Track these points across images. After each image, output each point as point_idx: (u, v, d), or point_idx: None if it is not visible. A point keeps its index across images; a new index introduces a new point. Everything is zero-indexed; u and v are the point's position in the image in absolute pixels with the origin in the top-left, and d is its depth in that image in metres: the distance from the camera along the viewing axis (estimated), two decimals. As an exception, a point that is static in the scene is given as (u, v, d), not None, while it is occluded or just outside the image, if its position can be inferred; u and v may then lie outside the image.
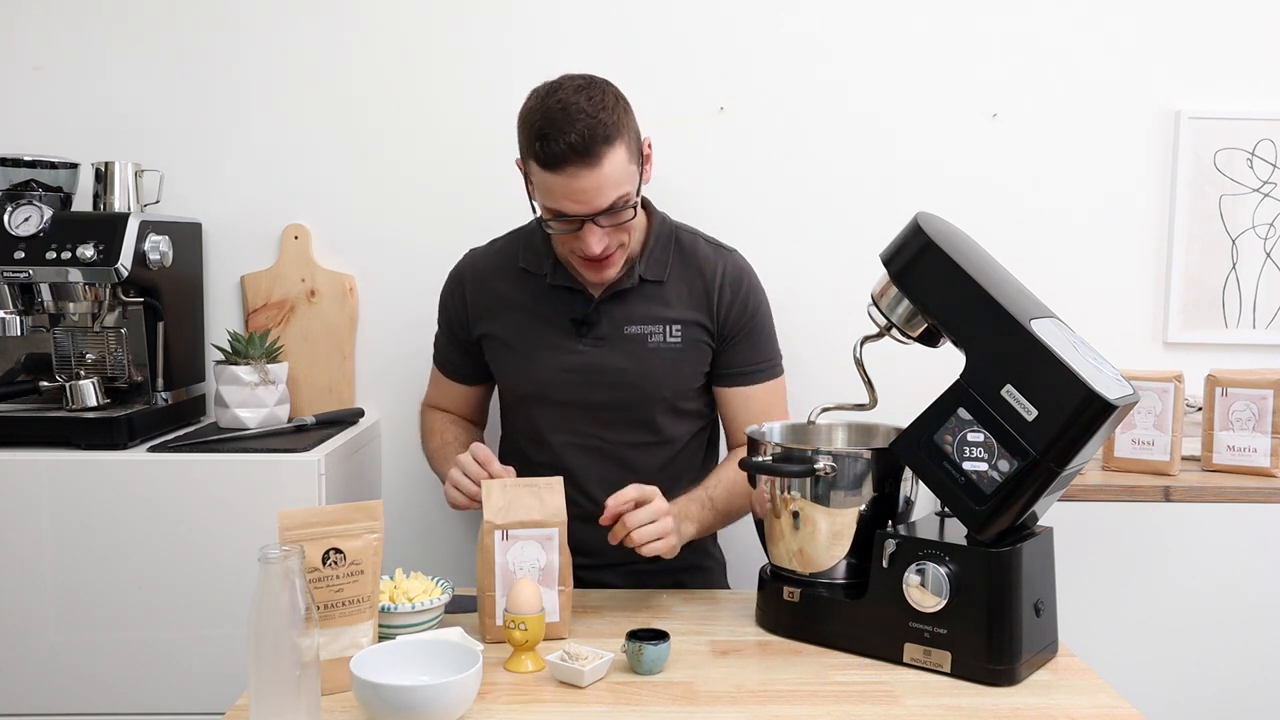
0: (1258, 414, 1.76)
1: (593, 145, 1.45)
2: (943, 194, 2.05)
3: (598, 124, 1.45)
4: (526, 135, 1.50)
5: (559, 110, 1.46)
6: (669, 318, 1.66)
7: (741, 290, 1.70)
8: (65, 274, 1.74)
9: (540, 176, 1.49)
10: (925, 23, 2.06)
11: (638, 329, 1.65)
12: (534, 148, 1.47)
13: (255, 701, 1.09)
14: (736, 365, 1.71)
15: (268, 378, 1.86)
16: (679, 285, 1.67)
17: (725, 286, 1.68)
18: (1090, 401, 1.21)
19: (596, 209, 1.50)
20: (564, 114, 1.45)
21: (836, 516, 1.40)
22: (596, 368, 1.65)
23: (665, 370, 1.66)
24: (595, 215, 1.51)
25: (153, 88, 2.05)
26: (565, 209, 1.50)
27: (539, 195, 1.53)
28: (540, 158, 1.47)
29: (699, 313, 1.67)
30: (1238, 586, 2.12)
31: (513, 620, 1.30)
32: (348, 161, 2.07)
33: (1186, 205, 2.09)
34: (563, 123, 1.44)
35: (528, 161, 1.52)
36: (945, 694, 1.26)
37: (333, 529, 1.25)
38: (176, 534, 1.68)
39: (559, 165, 1.46)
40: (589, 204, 1.49)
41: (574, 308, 1.66)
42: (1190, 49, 2.07)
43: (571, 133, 1.44)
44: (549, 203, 1.52)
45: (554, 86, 1.51)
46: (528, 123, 1.49)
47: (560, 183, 1.47)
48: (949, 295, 1.32)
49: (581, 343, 1.66)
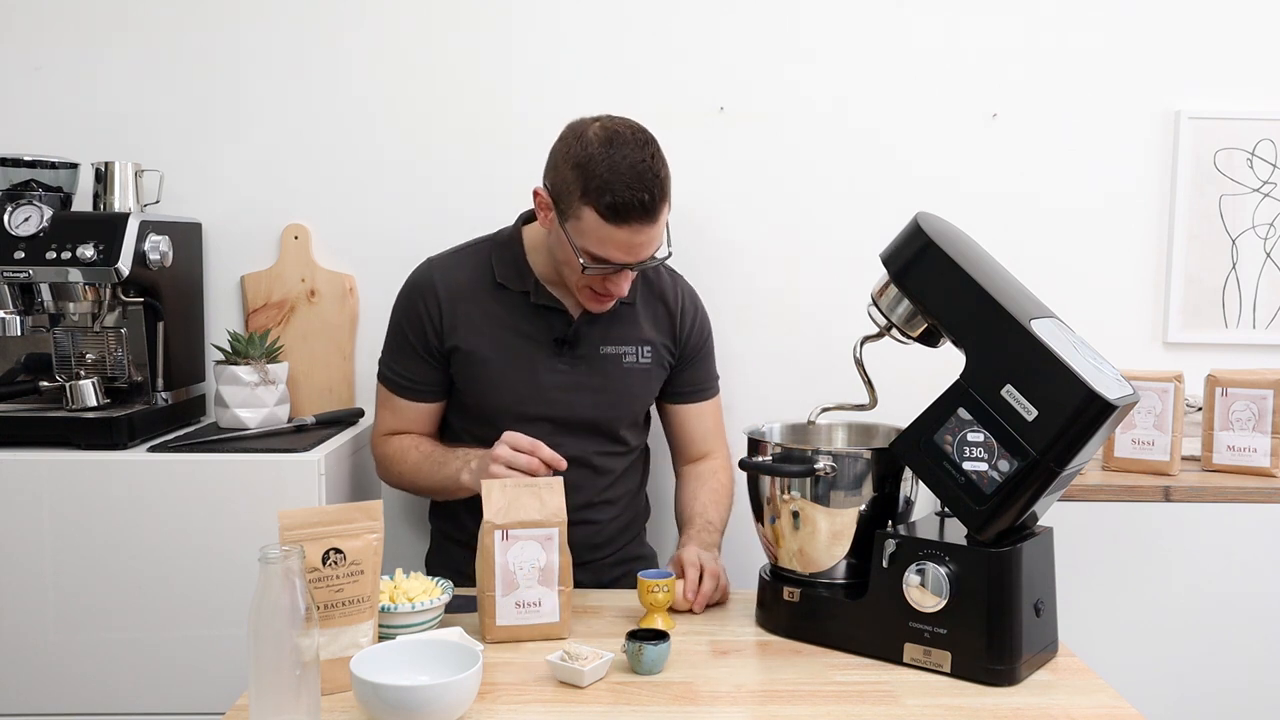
0: (1258, 414, 1.76)
1: (656, 206, 1.52)
2: (943, 194, 2.05)
3: (659, 185, 1.52)
4: (586, 183, 1.51)
5: (629, 169, 1.50)
6: (641, 338, 1.73)
7: (698, 313, 1.82)
8: (65, 274, 1.74)
9: (596, 226, 1.52)
10: (925, 23, 2.06)
11: (613, 349, 1.71)
12: (600, 200, 1.50)
13: (255, 701, 1.09)
14: (692, 384, 1.81)
15: (268, 378, 1.86)
16: (646, 308, 1.75)
17: (685, 309, 1.79)
18: (1090, 401, 1.21)
19: (642, 260, 1.57)
20: (634, 174, 1.50)
21: (836, 516, 1.40)
22: (575, 386, 1.69)
23: (638, 388, 1.74)
24: (637, 264, 1.57)
25: (153, 88, 2.05)
26: (614, 258, 1.55)
27: (587, 241, 1.54)
28: (606, 212, 1.50)
29: (664, 335, 1.76)
30: (1238, 586, 2.12)
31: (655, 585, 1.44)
32: (348, 161, 2.07)
33: (1186, 205, 2.09)
34: (634, 183, 1.49)
35: (581, 207, 1.52)
36: (945, 694, 1.26)
37: (333, 529, 1.25)
38: (176, 534, 1.68)
39: (624, 222, 1.51)
40: (638, 255, 1.56)
41: (554, 327, 1.69)
42: (1190, 49, 2.07)
43: (645, 193, 1.50)
44: (599, 251, 1.54)
45: (613, 136, 1.52)
46: (588, 172, 1.50)
47: (621, 236, 1.52)
48: (949, 295, 1.32)
49: (561, 361, 1.69)
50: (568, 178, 1.53)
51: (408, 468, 1.73)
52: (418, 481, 1.73)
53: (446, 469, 1.64)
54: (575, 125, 1.58)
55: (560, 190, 1.55)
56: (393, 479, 1.78)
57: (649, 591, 1.44)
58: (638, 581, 1.45)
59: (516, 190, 1.82)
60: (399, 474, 1.75)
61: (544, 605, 1.39)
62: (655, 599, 1.44)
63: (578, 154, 1.52)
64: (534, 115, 2.03)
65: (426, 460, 1.70)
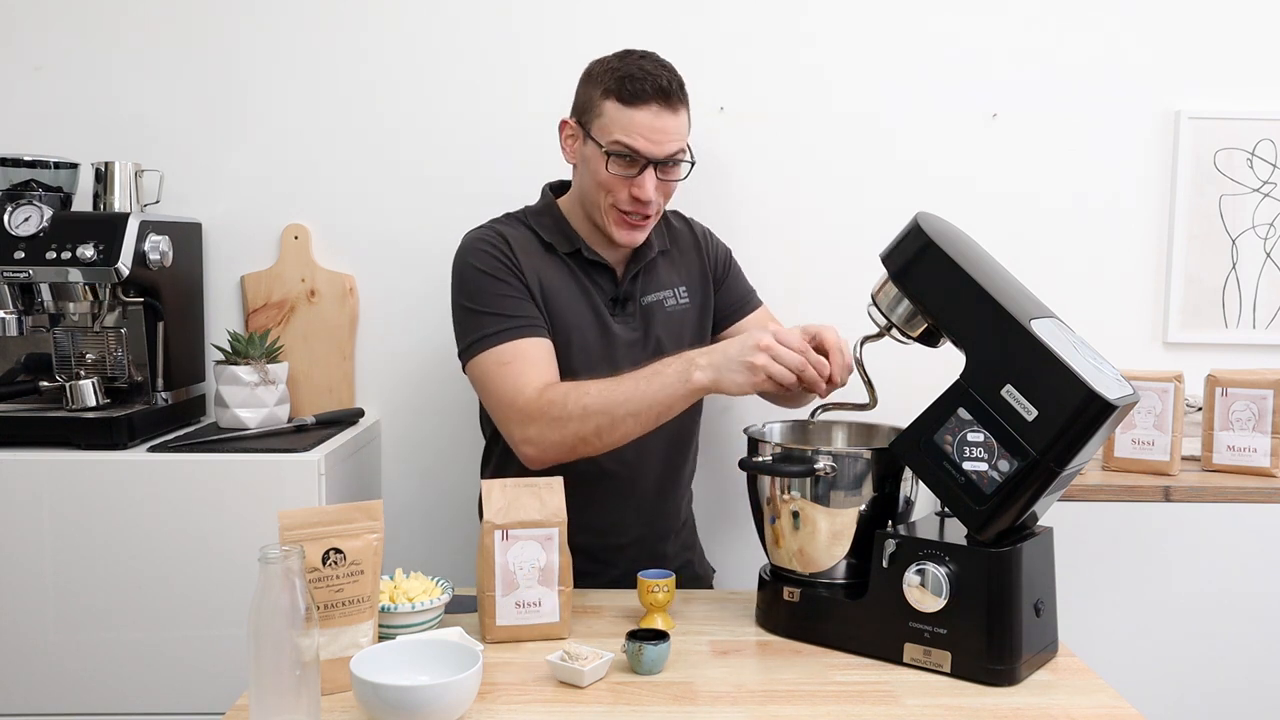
0: (1258, 414, 1.76)
1: (674, 93, 1.58)
2: (943, 194, 2.05)
3: (676, 76, 1.60)
4: (605, 79, 1.58)
5: (644, 61, 1.59)
6: (675, 281, 1.76)
7: (712, 238, 1.86)
8: (65, 274, 1.74)
9: (618, 113, 1.57)
10: (925, 23, 2.06)
11: (654, 297, 1.72)
12: (619, 86, 1.56)
13: (255, 701, 1.09)
14: (732, 302, 1.83)
15: (268, 378, 1.86)
16: (673, 251, 1.78)
17: (702, 239, 1.83)
18: (1090, 401, 1.21)
19: (666, 153, 1.59)
20: (651, 64, 1.59)
21: (836, 516, 1.40)
22: (634, 342, 1.69)
23: (688, 331, 1.75)
24: (660, 161, 1.59)
25: (153, 88, 2.05)
26: (638, 146, 1.57)
27: (612, 131, 1.57)
28: (624, 94, 1.56)
29: (693, 268, 1.79)
30: (1238, 586, 2.12)
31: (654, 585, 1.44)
32: (347, 161, 2.07)
33: (1186, 205, 2.09)
34: (651, 69, 1.57)
35: (602, 103, 1.58)
36: (945, 694, 1.26)
37: (333, 529, 1.25)
38: (176, 534, 1.68)
39: (645, 101, 1.56)
40: (661, 146, 1.58)
41: (604, 287, 1.69)
42: (1190, 49, 2.07)
43: (661, 77, 1.57)
44: (623, 136, 1.57)
45: (627, 51, 1.62)
46: (606, 70, 1.59)
47: (642, 118, 1.56)
48: (949, 295, 1.32)
49: (617, 320, 1.69)
50: (589, 89, 1.61)
51: (594, 398, 1.48)
52: (614, 406, 1.47)
53: (661, 378, 1.46)
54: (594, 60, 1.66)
55: (583, 104, 1.62)
56: (567, 427, 1.49)
57: (649, 591, 1.44)
58: (638, 581, 1.45)
59: (517, 189, 1.82)
60: (581, 410, 1.48)
61: (544, 605, 1.39)
62: (655, 599, 1.44)
63: (597, 69, 1.62)
64: (534, 114, 2.03)
65: (621, 381, 1.49)
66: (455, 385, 2.05)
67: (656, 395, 1.46)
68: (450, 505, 2.10)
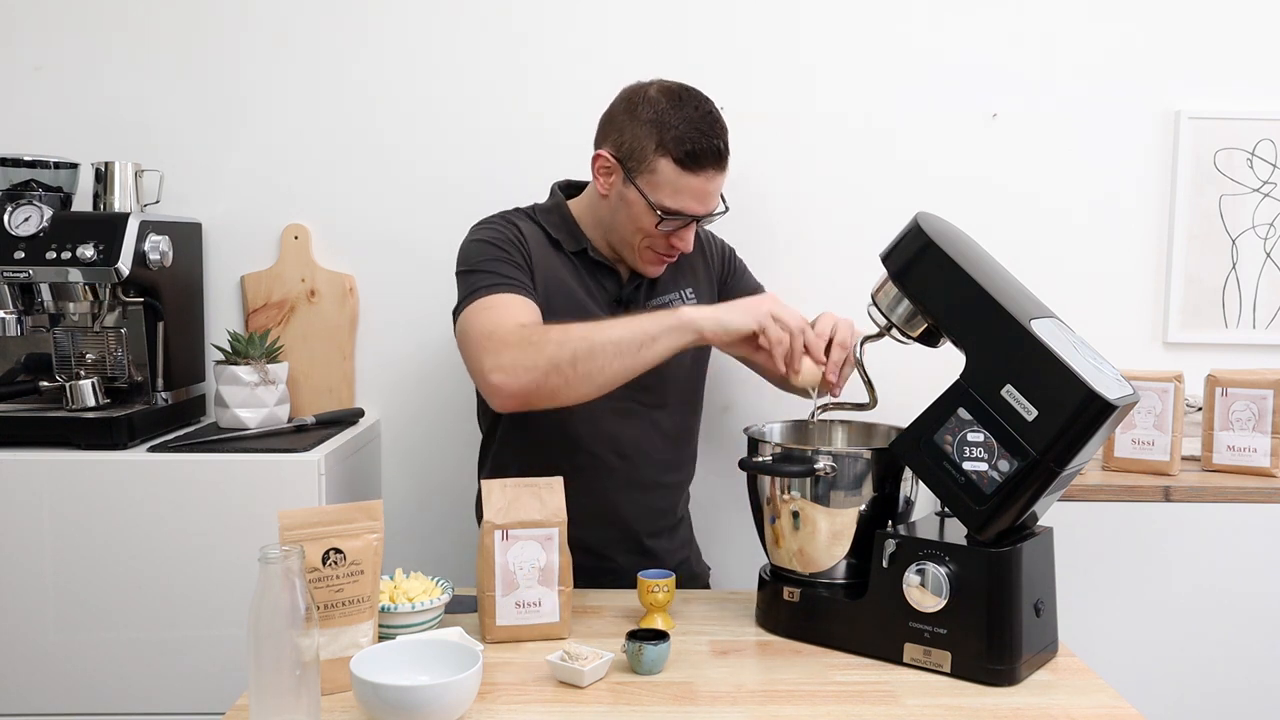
0: (1258, 414, 1.76)
1: (726, 154, 1.59)
2: (943, 194, 2.05)
3: (726, 133, 1.59)
4: (661, 135, 1.55)
5: (701, 119, 1.56)
6: (681, 284, 1.76)
7: (714, 238, 1.87)
8: (65, 274, 1.74)
9: (674, 176, 1.55)
10: (925, 23, 2.06)
11: (661, 300, 1.73)
12: (679, 149, 1.54)
13: (255, 701, 1.09)
14: (746, 293, 1.79)
15: (268, 378, 1.86)
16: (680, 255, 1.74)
17: (705, 241, 1.83)
18: (1090, 401, 1.21)
19: (711, 210, 1.62)
20: (706, 123, 1.56)
21: (836, 516, 1.40)
22: None
23: None
24: (706, 216, 1.61)
25: (153, 88, 2.05)
26: (689, 208, 1.58)
27: (661, 193, 1.57)
28: (683, 159, 1.55)
29: (701, 271, 1.80)
30: (1238, 586, 2.12)
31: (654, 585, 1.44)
32: (348, 162, 2.07)
33: (1186, 205, 2.09)
34: (707, 131, 1.56)
35: (656, 160, 1.55)
36: (945, 694, 1.26)
37: (333, 529, 1.25)
38: (176, 534, 1.68)
39: (701, 168, 1.56)
40: (708, 205, 1.60)
41: (608, 288, 1.70)
42: (1190, 49, 2.07)
43: (718, 140, 1.56)
44: (674, 202, 1.57)
45: (680, 93, 1.59)
46: (664, 125, 1.55)
47: (697, 184, 1.56)
48: (949, 295, 1.32)
49: None
50: (639, 134, 1.57)
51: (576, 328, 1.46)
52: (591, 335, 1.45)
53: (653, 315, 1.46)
54: (631, 89, 1.62)
55: (631, 148, 1.58)
56: (540, 352, 1.44)
57: (649, 591, 1.44)
58: (638, 581, 1.45)
59: (517, 189, 1.82)
60: (560, 335, 1.45)
61: (544, 605, 1.39)
62: (655, 599, 1.44)
63: (646, 112, 1.57)
64: (535, 115, 2.04)
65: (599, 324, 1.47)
66: (455, 385, 2.06)
67: (643, 324, 1.45)
68: (450, 505, 2.10)
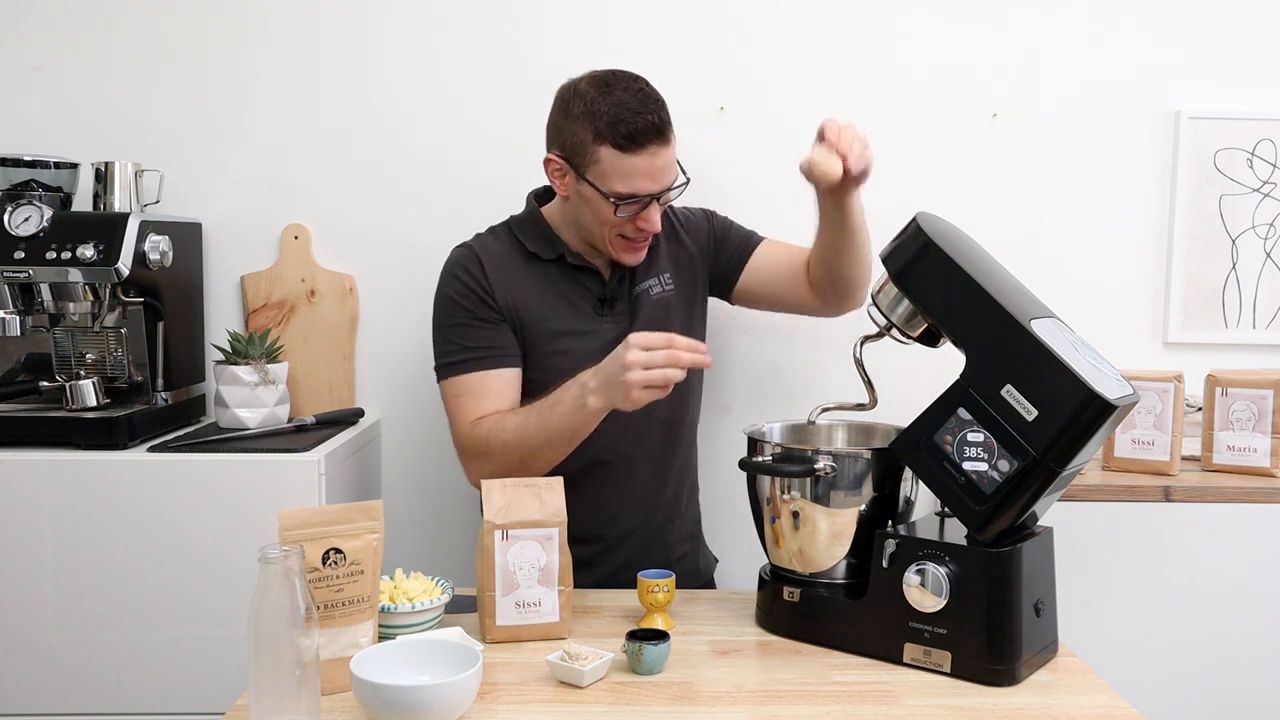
0: (1258, 414, 1.76)
1: (665, 126, 1.57)
2: (943, 194, 2.04)
3: (662, 105, 1.58)
4: (596, 125, 1.55)
5: (630, 98, 1.56)
6: (658, 269, 1.75)
7: (690, 217, 1.84)
8: (65, 274, 1.74)
9: (617, 161, 1.55)
10: (925, 23, 2.06)
11: (640, 286, 1.72)
12: (613, 133, 1.54)
13: (255, 701, 1.09)
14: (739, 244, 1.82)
15: (268, 378, 1.86)
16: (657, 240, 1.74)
17: (681, 222, 1.81)
18: (1090, 401, 1.21)
19: (666, 185, 1.60)
20: (637, 101, 1.56)
21: (836, 516, 1.40)
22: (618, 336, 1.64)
23: (668, 316, 1.73)
24: (663, 192, 1.60)
25: (153, 88, 2.05)
26: (641, 189, 1.57)
27: (610, 181, 1.57)
28: (621, 142, 1.54)
29: (681, 254, 1.78)
30: (1238, 586, 2.12)
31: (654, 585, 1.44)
32: (347, 161, 2.07)
33: (1186, 205, 2.09)
34: (639, 108, 1.55)
35: (597, 150, 1.56)
36: (945, 694, 1.26)
37: (333, 529, 1.25)
38: (176, 534, 1.68)
39: (641, 146, 1.55)
40: (662, 181, 1.59)
41: (591, 289, 1.70)
42: (1190, 49, 2.07)
43: (653, 115, 1.55)
44: (625, 186, 1.57)
45: (607, 79, 1.59)
46: (596, 114, 1.55)
47: (641, 163, 1.56)
48: (949, 295, 1.32)
49: (606, 320, 1.69)
50: (576, 130, 1.57)
51: (510, 433, 1.56)
52: (528, 439, 1.55)
53: (561, 406, 1.51)
54: (564, 87, 1.63)
55: (573, 146, 1.58)
56: (494, 461, 1.57)
57: (649, 591, 1.44)
58: (638, 581, 1.45)
59: (517, 189, 1.82)
60: (502, 446, 1.57)
61: (544, 605, 1.39)
62: (655, 599, 1.44)
63: (578, 106, 1.57)
64: (534, 114, 2.03)
65: (530, 414, 1.55)
66: (455, 385, 2.05)
67: (560, 425, 1.52)
68: (450, 505, 2.10)
